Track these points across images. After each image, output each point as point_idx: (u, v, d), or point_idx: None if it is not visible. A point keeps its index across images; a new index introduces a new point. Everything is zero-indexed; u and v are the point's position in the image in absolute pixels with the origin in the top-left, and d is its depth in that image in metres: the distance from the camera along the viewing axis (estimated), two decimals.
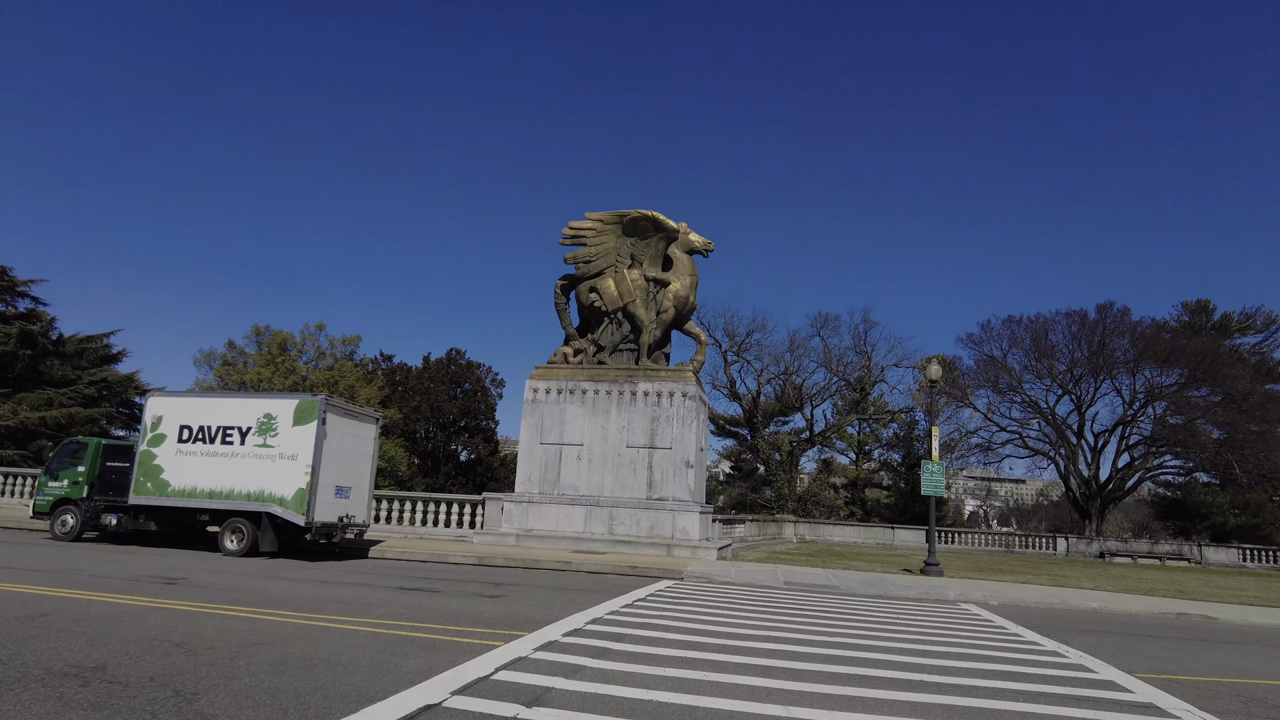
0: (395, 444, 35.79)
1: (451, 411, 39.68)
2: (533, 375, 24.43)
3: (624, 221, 24.53)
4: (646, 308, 24.26)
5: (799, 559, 29.82)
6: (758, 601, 14.01)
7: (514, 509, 23.25)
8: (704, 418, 24.56)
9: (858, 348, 58.98)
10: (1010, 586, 19.45)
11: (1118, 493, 55.43)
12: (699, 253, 24.88)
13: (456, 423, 40.43)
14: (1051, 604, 16.63)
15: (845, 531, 51.28)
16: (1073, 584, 24.40)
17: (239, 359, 36.14)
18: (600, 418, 23.44)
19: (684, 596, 14.09)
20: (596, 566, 18.14)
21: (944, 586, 18.01)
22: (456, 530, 24.01)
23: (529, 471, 23.63)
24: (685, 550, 21.36)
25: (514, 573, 16.93)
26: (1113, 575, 32.15)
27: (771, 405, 66.93)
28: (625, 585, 15.68)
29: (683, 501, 22.35)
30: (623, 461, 23.04)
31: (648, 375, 23.58)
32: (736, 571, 18.50)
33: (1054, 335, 53.95)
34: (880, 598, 16.34)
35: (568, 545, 22.13)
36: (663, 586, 15.71)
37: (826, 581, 18.06)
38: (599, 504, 22.69)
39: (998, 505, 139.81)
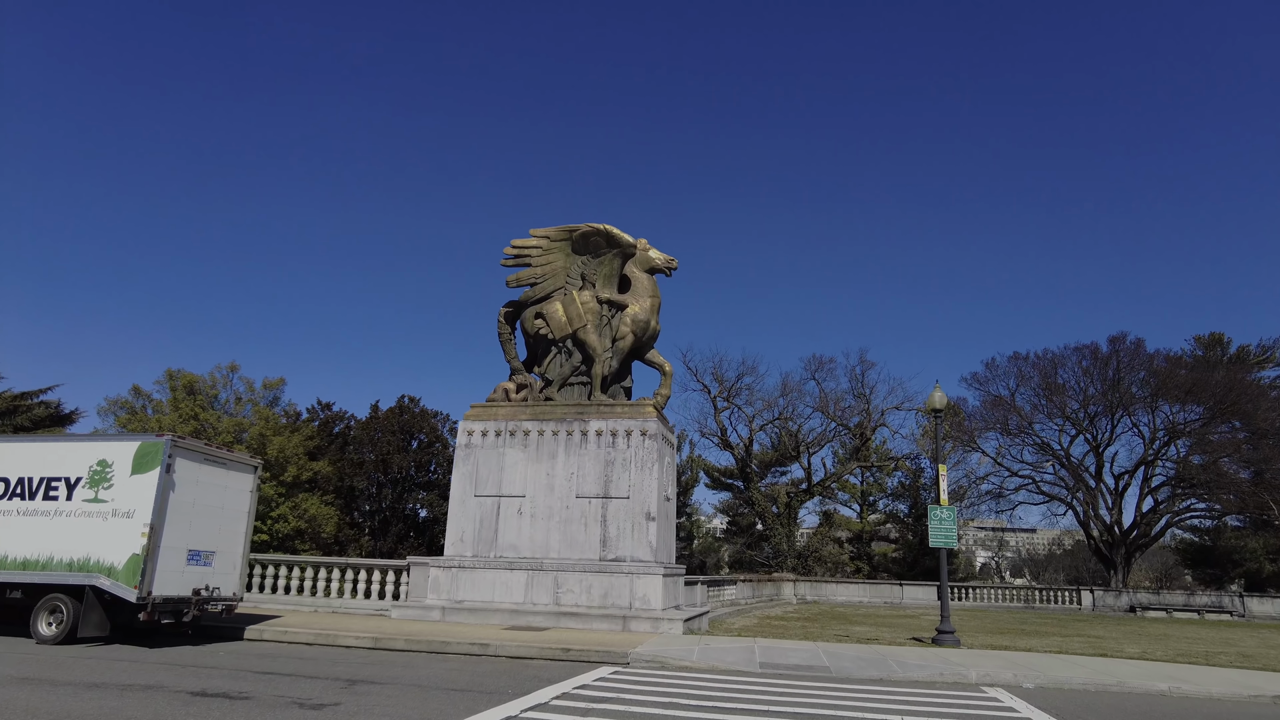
0: (318, 500, 31.97)
1: (403, 465, 35.96)
2: (466, 416, 20.91)
3: (573, 238, 21.35)
4: (600, 334, 20.88)
5: (793, 625, 25.82)
6: (716, 701, 10.26)
7: (441, 576, 19.45)
8: (669, 461, 20.96)
9: (855, 391, 55.54)
10: (1043, 659, 15.59)
11: (1143, 539, 51.18)
12: (661, 271, 21.63)
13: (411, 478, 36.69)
14: (1104, 685, 12.80)
15: (849, 590, 46.95)
16: (1114, 649, 20.46)
17: (146, 407, 32.65)
18: (545, 463, 19.83)
19: (611, 697, 10.34)
20: (520, 649, 14.34)
21: (962, 662, 14.19)
22: (377, 602, 20.16)
23: (461, 530, 19.91)
24: (645, 623, 17.52)
25: (404, 660, 13.14)
26: (1153, 634, 28.07)
27: (768, 455, 63.06)
28: (544, 677, 11.92)
29: (643, 562, 18.59)
30: (572, 515, 19.34)
31: (600, 412, 20.05)
32: (701, 651, 14.68)
33: (1064, 372, 50.54)
34: (881, 684, 12.52)
35: (503, 620, 18.29)
36: (592, 679, 11.94)
37: (815, 661, 14.23)
38: (543, 568, 18.92)
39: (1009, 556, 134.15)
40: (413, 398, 38.61)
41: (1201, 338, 62.90)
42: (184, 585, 13.80)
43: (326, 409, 38.60)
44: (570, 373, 21.09)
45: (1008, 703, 11.06)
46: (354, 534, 35.24)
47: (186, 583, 13.87)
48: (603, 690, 10.76)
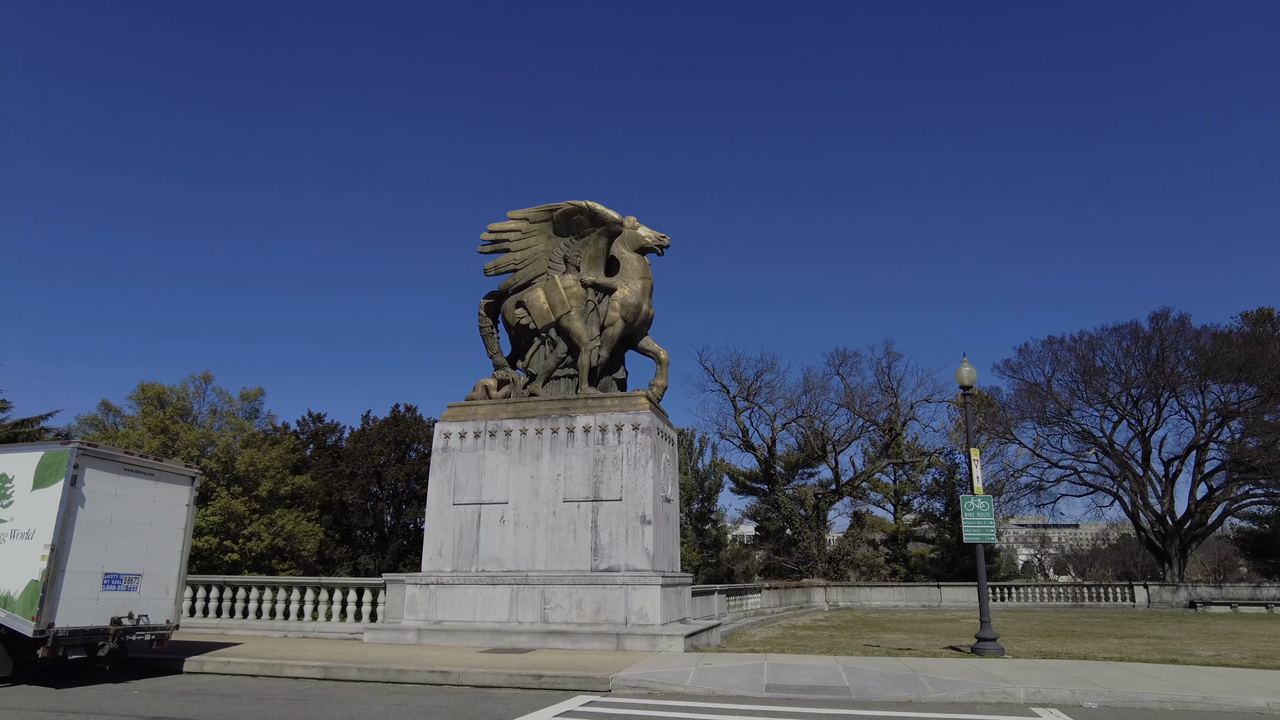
0: (297, 516, 30.21)
1: (399, 478, 34.23)
2: (443, 417, 19.08)
3: (554, 218, 19.50)
4: (586, 321, 18.95)
5: (820, 635, 23.59)
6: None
7: (418, 595, 17.57)
8: (668, 458, 18.93)
9: (882, 384, 52.92)
10: (1104, 669, 13.27)
11: (1199, 529, 47.85)
12: (652, 250, 19.68)
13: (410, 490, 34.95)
14: (1185, 701, 10.51)
15: (884, 594, 44.36)
16: (1182, 652, 18.01)
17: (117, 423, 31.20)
18: (529, 465, 17.91)
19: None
20: (487, 676, 12.38)
21: (1006, 677, 11.95)
22: (353, 625, 18.35)
23: (439, 543, 18.03)
24: (641, 640, 15.46)
25: (348, 694, 11.21)
26: (1221, 633, 25.36)
27: (794, 456, 60.60)
28: (499, 713, 9.95)
29: (639, 571, 16.56)
30: (559, 522, 17.38)
31: (588, 406, 18.10)
32: (699, 673, 12.60)
33: (1102, 354, 47.53)
34: (909, 708, 10.36)
35: (484, 641, 16.35)
36: (556, 714, 9.95)
37: (832, 681, 12.09)
38: (528, 581, 16.96)
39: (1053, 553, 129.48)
40: (409, 406, 36.94)
41: (1249, 313, 59.33)
42: (99, 614, 12.05)
43: (317, 421, 37.03)
44: (555, 365, 19.18)
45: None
46: (347, 552, 33.50)
47: (103, 611, 12.12)
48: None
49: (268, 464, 29.65)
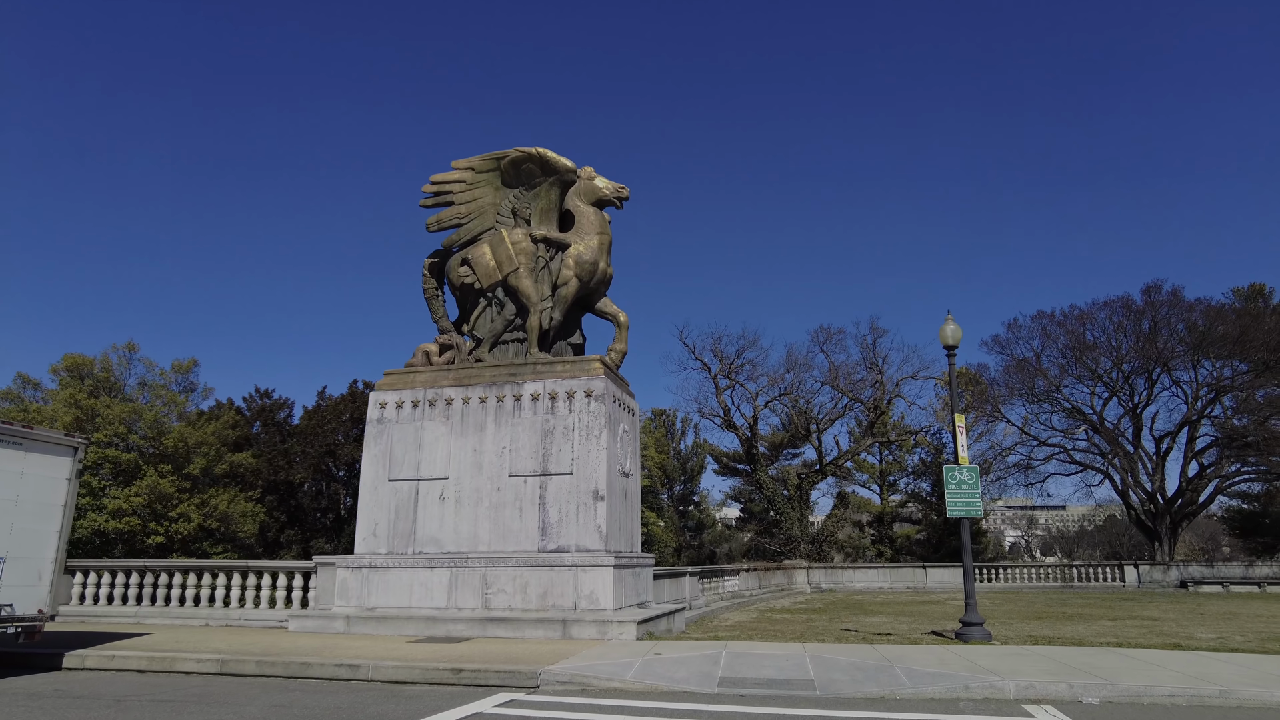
0: (233, 496, 28.34)
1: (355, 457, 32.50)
2: (379, 385, 17.40)
3: (502, 167, 17.77)
4: (537, 280, 17.27)
5: (797, 619, 22.19)
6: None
7: (350, 579, 15.96)
8: (626, 429, 17.33)
9: (867, 362, 51.49)
10: (1102, 657, 11.82)
11: (1189, 507, 46.81)
12: (610, 203, 17.98)
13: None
14: (1200, 695, 9.05)
15: (868, 576, 43.14)
16: (1180, 635, 16.69)
17: (36, 397, 29.11)
18: (472, 437, 16.28)
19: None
20: (400, 670, 10.80)
21: (994, 667, 10.48)
22: (282, 612, 16.73)
23: (373, 522, 16.41)
24: (590, 627, 13.92)
25: (234, 692, 9.59)
26: (1217, 614, 24.13)
27: (778, 436, 59.32)
28: (398, 715, 8.36)
29: (590, 552, 14.99)
30: (504, 499, 15.78)
31: (537, 372, 16.46)
32: (644, 666, 11.06)
33: (1093, 329, 46.22)
34: (880, 707, 8.85)
35: (418, 629, 14.77)
36: (465, 716, 8.39)
37: (796, 674, 10.57)
38: (469, 563, 15.38)
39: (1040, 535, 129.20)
40: (368, 383, 35.03)
41: (1241, 289, 58.27)
42: None
43: (265, 396, 35.00)
44: (503, 328, 17.50)
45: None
46: (296, 534, 31.79)
47: None
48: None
49: (201, 440, 27.72)
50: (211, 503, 26.98)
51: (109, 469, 26.10)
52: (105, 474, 26.22)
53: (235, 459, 29.17)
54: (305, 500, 32.63)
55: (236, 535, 27.98)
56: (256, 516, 28.77)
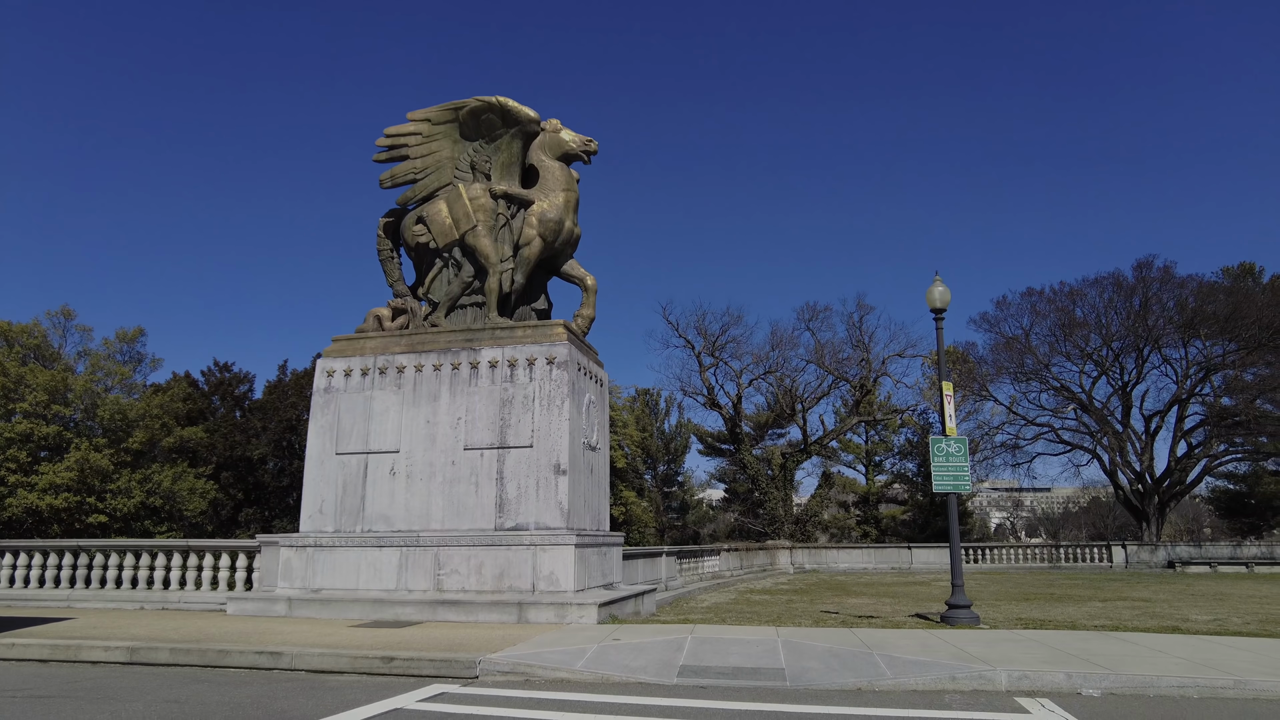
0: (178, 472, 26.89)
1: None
2: (326, 352, 16.22)
3: (461, 118, 16.50)
4: (496, 239, 16.06)
5: (777, 601, 21.28)
6: None
7: (294, 558, 14.85)
8: (593, 399, 16.22)
9: (854, 340, 50.53)
10: (1098, 642, 10.88)
11: (1178, 487, 46.28)
12: (577, 158, 16.74)
13: None
14: (1215, 688, 8.09)
15: (852, 556, 42.41)
16: (1176, 617, 15.87)
17: None
18: (425, 408, 15.13)
19: None
20: (326, 659, 9.72)
21: (984, 655, 9.50)
22: (225, 594, 15.60)
23: (319, 498, 15.27)
24: (548, 610, 12.88)
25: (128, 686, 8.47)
26: (1209, 594, 23.40)
27: (763, 416, 58.43)
28: (307, 712, 7.28)
29: (550, 530, 13.93)
30: (459, 473, 14.66)
31: (495, 338, 15.30)
32: (599, 653, 10.01)
33: (1084, 306, 45.38)
34: (857, 701, 7.84)
35: (364, 613, 13.70)
36: (384, 711, 7.32)
37: (766, 662, 9.55)
38: (420, 542, 14.29)
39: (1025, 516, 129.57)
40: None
41: (1231, 269, 57.66)
42: None
43: (224, 370, 33.53)
44: (461, 291, 16.30)
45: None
46: (255, 513, 30.56)
47: None
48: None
49: (143, 412, 26.24)
50: (155, 479, 25.58)
51: (37, 442, 24.61)
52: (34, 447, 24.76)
53: (184, 433, 27.72)
54: (266, 478, 31.33)
55: (183, 513, 26.60)
56: (207, 494, 27.36)
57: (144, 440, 26.05)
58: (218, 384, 32.81)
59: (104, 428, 25.79)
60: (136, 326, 31.11)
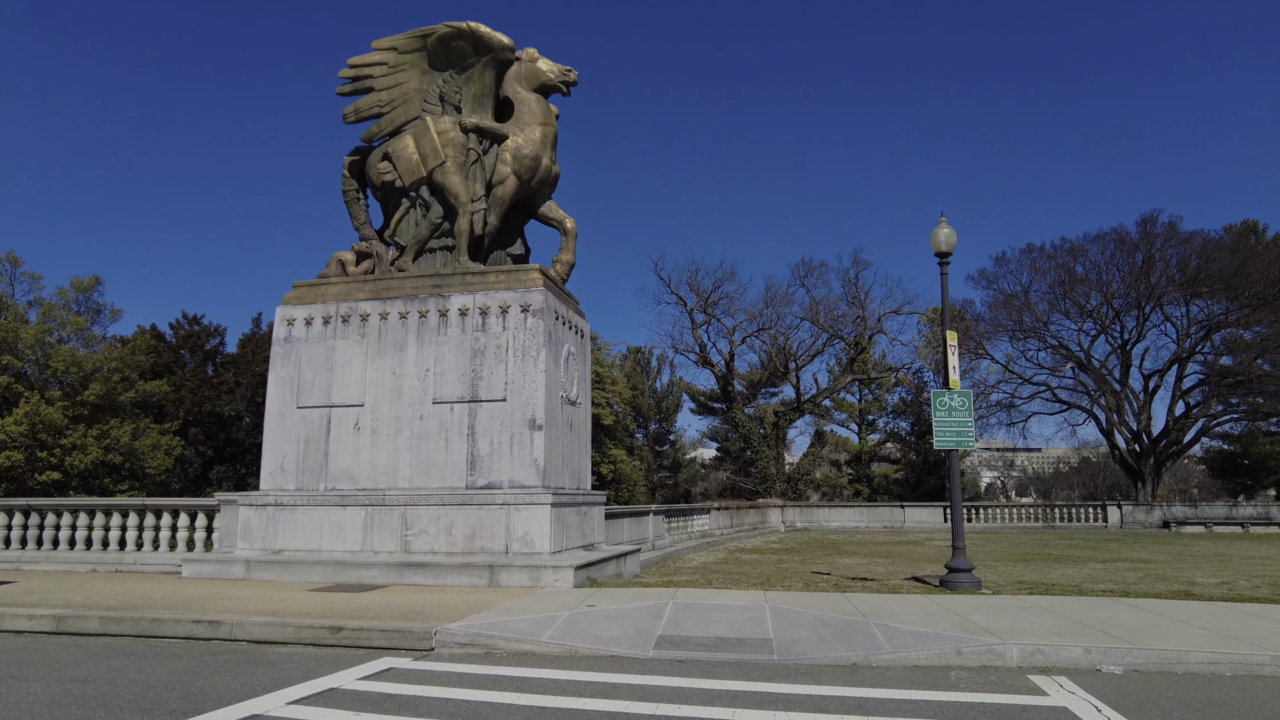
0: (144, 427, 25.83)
1: None
2: (286, 299, 15.12)
3: (429, 46, 15.18)
4: (467, 176, 14.87)
5: (766, 561, 20.60)
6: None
7: (254, 518, 13.96)
8: (572, 350, 15.21)
9: (849, 296, 49.51)
10: (1113, 609, 10.09)
11: (1174, 447, 45.80)
12: (555, 89, 15.47)
13: None
14: (1250, 664, 7.28)
15: (844, 515, 41.95)
16: (1184, 580, 15.15)
17: None
18: (390, 358, 14.11)
19: None
20: (268, 629, 8.85)
21: (990, 625, 8.68)
22: (184, 554, 14.74)
23: (280, 455, 14.33)
24: (521, 573, 12.04)
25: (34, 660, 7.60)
26: (1208, 555, 22.81)
27: (756, 374, 57.61)
28: (223, 693, 6.38)
29: (525, 489, 13.03)
30: (428, 428, 13.71)
31: (466, 283, 14.22)
32: (569, 621, 9.16)
33: (1085, 263, 44.33)
34: (850, 680, 6.99)
35: (327, 575, 12.85)
36: (309, 694, 6.42)
37: (751, 631, 8.71)
38: (386, 501, 13.39)
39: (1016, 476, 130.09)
40: None
41: (1233, 227, 56.58)
42: None
43: (193, 323, 32.30)
44: (429, 234, 15.16)
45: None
46: (228, 471, 29.70)
47: None
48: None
49: (100, 364, 25.08)
50: (113, 434, 24.53)
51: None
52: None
53: (147, 387, 26.57)
54: (241, 435, 30.38)
55: (146, 471, 25.63)
56: (172, 451, 26.37)
57: (101, 393, 24.86)
58: (186, 337, 31.55)
59: (58, 380, 24.66)
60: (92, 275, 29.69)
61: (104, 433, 24.17)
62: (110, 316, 30.10)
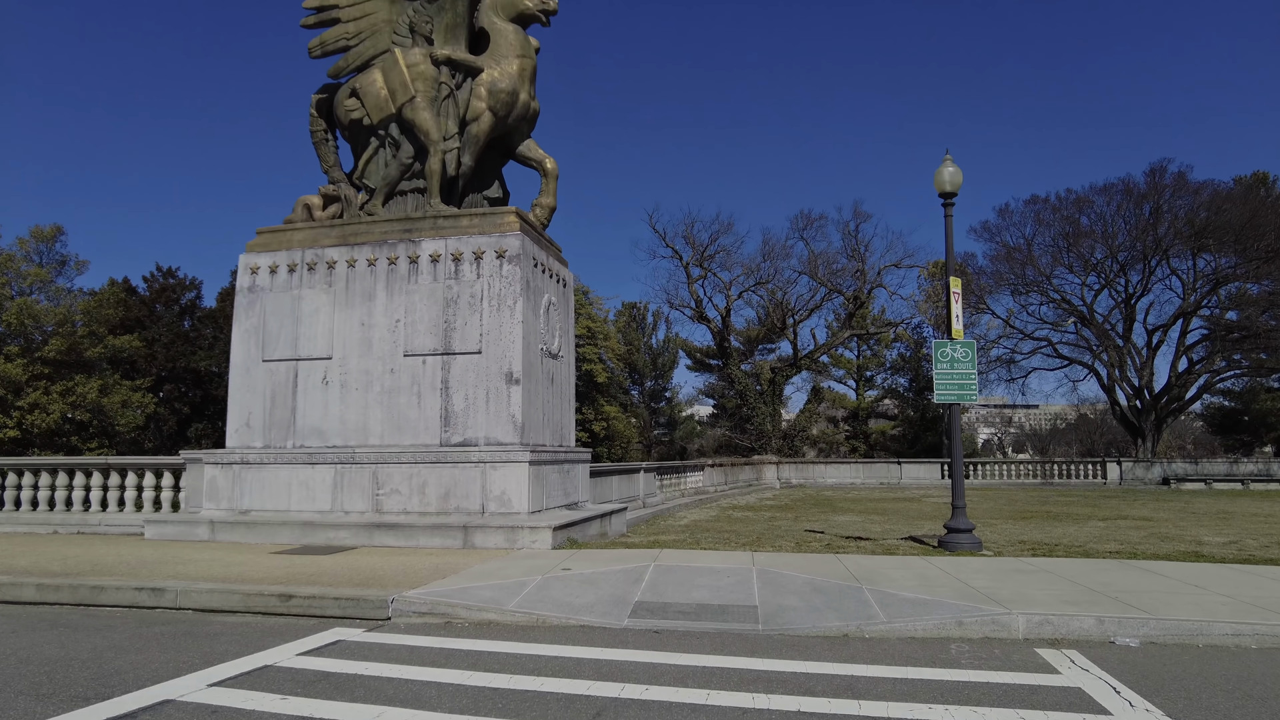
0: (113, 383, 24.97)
1: None
2: (249, 246, 14.25)
3: None
4: (439, 112, 13.88)
5: (760, 516, 20.11)
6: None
7: (219, 477, 13.30)
8: (554, 300, 14.40)
9: (849, 249, 48.46)
10: (1122, 573, 9.49)
11: (1176, 404, 45.25)
12: (534, 19, 14.38)
13: None
14: (1277, 634, 6.64)
15: (840, 471, 41.56)
16: (1191, 539, 14.61)
17: None
18: (359, 308, 13.31)
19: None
20: (216, 596, 8.21)
21: (992, 590, 8.05)
22: (150, 514, 14.12)
23: (246, 411, 13.62)
24: (497, 534, 11.41)
25: None
26: (1211, 513, 22.31)
27: (753, 330, 56.82)
28: (158, 670, 5.72)
29: (502, 446, 12.34)
30: (398, 382, 12.97)
31: (438, 227, 13.34)
32: (540, 589, 8.52)
33: (1090, 215, 43.20)
34: (842, 655, 6.34)
35: (295, 536, 12.23)
36: (235, 674, 5.76)
37: (735, 598, 8.08)
38: (356, 459, 12.71)
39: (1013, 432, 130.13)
40: None
41: (1243, 178, 55.29)
42: None
43: (168, 275, 31.30)
44: (400, 175, 14.22)
45: (1120, 711, 4.88)
46: (207, 428, 29.09)
47: None
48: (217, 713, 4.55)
49: (62, 318, 24.15)
50: (79, 391, 23.67)
51: None
52: None
53: (117, 342, 25.66)
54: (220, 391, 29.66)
55: (116, 429, 24.87)
56: (145, 408, 25.60)
57: (64, 349, 23.93)
58: (160, 290, 30.49)
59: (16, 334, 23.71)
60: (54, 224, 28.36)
61: (69, 389, 23.29)
62: (76, 268, 29.02)
